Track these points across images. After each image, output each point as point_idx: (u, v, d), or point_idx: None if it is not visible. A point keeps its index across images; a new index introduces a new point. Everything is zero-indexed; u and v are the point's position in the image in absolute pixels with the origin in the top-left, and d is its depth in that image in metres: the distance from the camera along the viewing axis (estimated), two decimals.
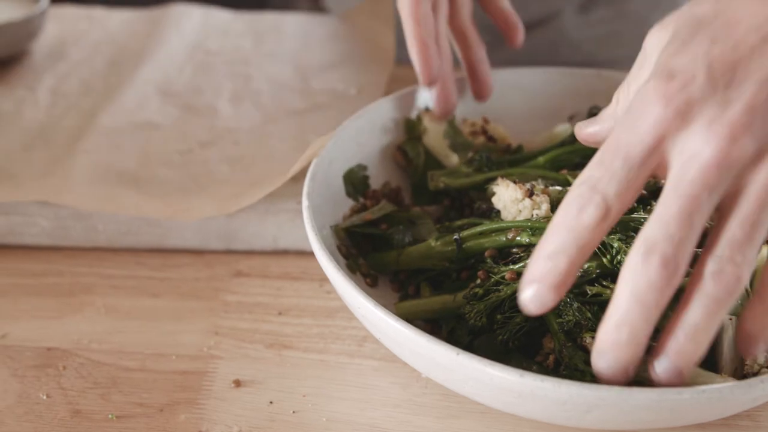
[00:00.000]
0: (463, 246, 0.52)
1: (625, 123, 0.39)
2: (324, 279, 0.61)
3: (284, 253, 0.64)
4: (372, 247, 0.58)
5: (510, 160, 0.60)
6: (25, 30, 0.79)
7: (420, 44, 0.58)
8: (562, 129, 0.63)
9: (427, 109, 0.64)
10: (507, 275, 0.49)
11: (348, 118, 0.61)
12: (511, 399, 0.44)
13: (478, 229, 0.52)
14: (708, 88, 0.37)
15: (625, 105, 0.44)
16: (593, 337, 0.43)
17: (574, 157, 0.59)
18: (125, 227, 0.63)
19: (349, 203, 0.60)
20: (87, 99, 0.74)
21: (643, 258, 0.37)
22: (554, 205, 0.52)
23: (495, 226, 0.52)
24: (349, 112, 0.70)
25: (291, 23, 0.87)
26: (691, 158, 0.37)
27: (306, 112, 0.71)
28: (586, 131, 0.49)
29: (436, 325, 0.53)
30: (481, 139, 0.63)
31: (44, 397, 0.52)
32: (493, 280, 0.49)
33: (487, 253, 0.51)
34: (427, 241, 0.54)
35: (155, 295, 0.60)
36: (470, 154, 0.61)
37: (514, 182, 0.53)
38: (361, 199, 0.60)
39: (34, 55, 0.82)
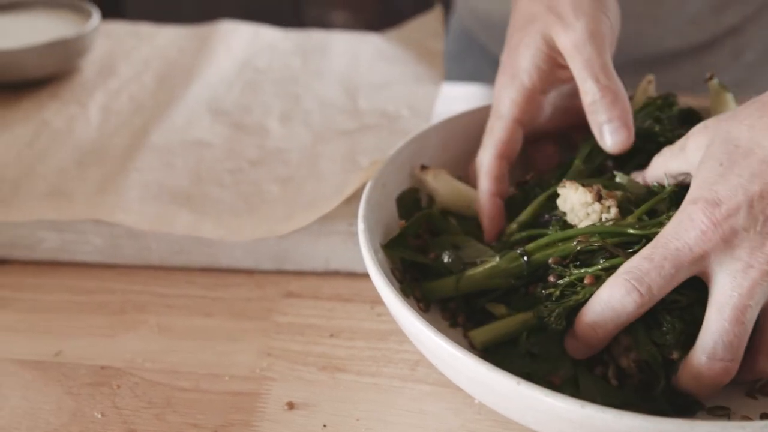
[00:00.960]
0: (531, 259, 0.52)
1: (674, 231, 0.46)
2: (375, 301, 0.61)
3: (335, 274, 0.64)
4: (421, 273, 0.57)
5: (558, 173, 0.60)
6: (77, 47, 0.80)
7: (493, 206, 0.58)
8: None
9: (423, 167, 0.60)
10: (586, 280, 0.49)
11: (401, 141, 0.61)
12: (572, 429, 0.44)
13: (544, 240, 0.52)
14: (750, 220, 0.45)
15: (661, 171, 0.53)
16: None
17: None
18: (178, 246, 0.63)
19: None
20: (138, 116, 0.74)
21: (707, 362, 0.46)
22: (620, 207, 0.52)
23: (561, 235, 0.51)
24: (399, 134, 0.70)
25: (339, 42, 0.87)
26: (738, 277, 0.45)
27: (355, 132, 0.71)
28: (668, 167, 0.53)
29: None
30: None
31: (99, 416, 0.52)
32: (567, 280, 0.49)
33: (551, 261, 0.51)
34: (487, 262, 0.54)
35: (208, 315, 0.60)
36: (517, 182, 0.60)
37: (582, 185, 0.52)
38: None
39: (84, 72, 0.83)
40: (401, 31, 0.88)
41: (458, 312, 0.55)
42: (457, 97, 0.83)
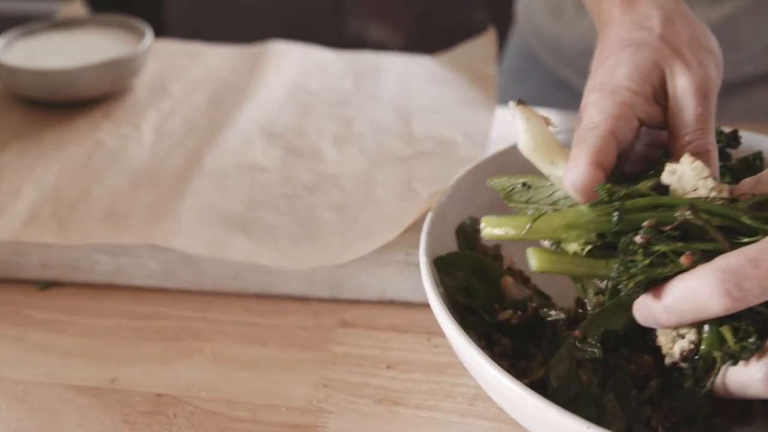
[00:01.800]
0: (624, 218, 0.45)
1: None
2: (432, 332, 0.60)
3: (390, 303, 0.63)
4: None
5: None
6: (131, 66, 0.80)
7: None
8: None
9: (521, 102, 0.53)
10: (683, 259, 0.44)
11: (461, 171, 0.60)
12: None
13: (644, 201, 0.46)
14: None
15: None
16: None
17: None
18: (233, 272, 0.63)
19: None
20: (191, 138, 0.74)
21: (766, 382, 0.42)
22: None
23: (664, 200, 0.46)
24: (455, 160, 0.69)
25: (390, 64, 0.86)
26: None
27: (411, 159, 0.71)
28: None
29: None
30: None
31: None
32: (662, 249, 0.44)
33: (646, 223, 0.45)
34: (576, 205, 0.48)
35: (263, 344, 0.60)
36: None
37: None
38: None
39: (136, 91, 0.83)
40: (452, 54, 0.87)
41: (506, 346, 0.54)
42: (513, 122, 0.82)
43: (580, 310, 0.56)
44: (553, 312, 0.55)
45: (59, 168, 0.70)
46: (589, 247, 0.47)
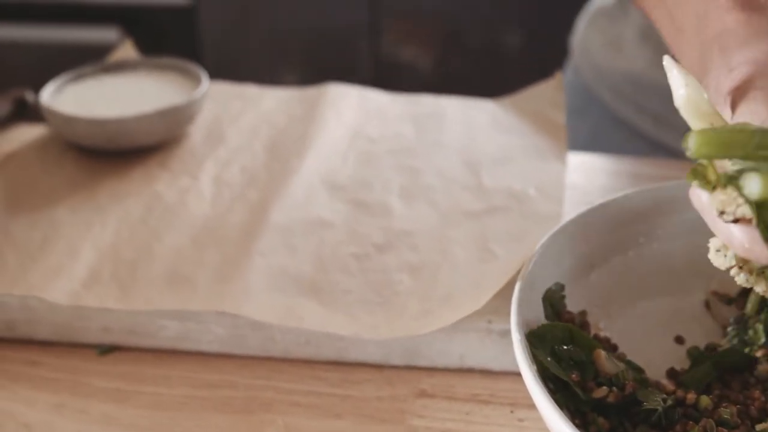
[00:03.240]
0: None
1: None
2: (515, 404, 0.57)
3: (469, 371, 0.60)
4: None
5: None
6: (188, 113, 0.77)
7: None
8: None
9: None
10: None
11: (545, 236, 0.57)
12: None
13: None
14: None
15: None
16: None
17: None
18: (304, 338, 0.60)
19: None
20: (252, 190, 0.71)
21: None
22: None
23: None
24: (530, 217, 0.66)
25: (450, 108, 0.84)
26: None
27: (484, 214, 0.67)
28: None
29: None
30: None
31: None
32: None
33: None
34: None
35: (338, 416, 0.57)
36: None
37: None
38: None
39: (192, 138, 0.80)
40: (516, 99, 0.84)
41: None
42: (575, 167, 0.80)
43: (679, 392, 0.53)
44: (651, 397, 0.51)
45: (117, 224, 0.68)
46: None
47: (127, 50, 0.89)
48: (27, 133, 0.88)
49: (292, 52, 2.06)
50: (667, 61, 0.49)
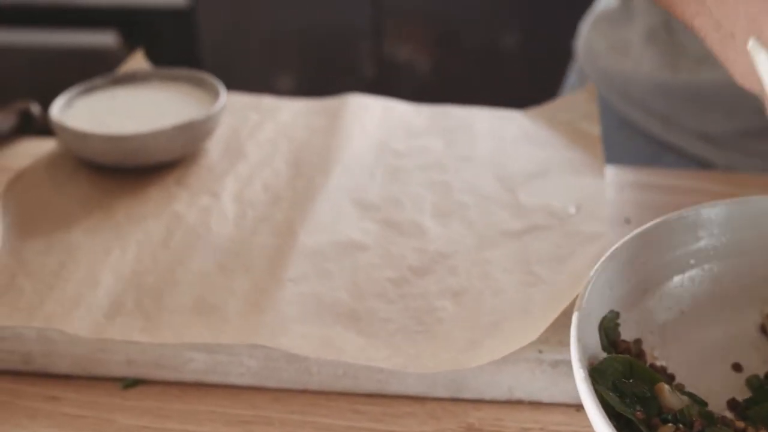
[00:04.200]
0: None
1: None
2: None
3: (518, 403, 0.57)
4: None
5: None
6: (206, 128, 0.74)
7: None
8: None
9: None
10: None
11: (602, 260, 0.54)
12: None
13: None
14: None
15: None
16: None
17: None
18: (342, 370, 0.56)
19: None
20: (277, 210, 0.68)
21: None
22: None
23: None
24: (573, 237, 0.63)
25: (477, 120, 0.80)
26: None
27: (524, 234, 0.64)
28: None
29: None
30: None
31: None
32: None
33: None
34: None
35: None
36: None
37: None
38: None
39: (209, 153, 0.76)
40: (546, 110, 0.81)
41: None
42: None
43: (749, 429, 0.50)
44: None
45: (137, 248, 0.64)
46: None
47: (138, 61, 0.85)
48: (33, 148, 0.84)
49: (291, 53, 2.03)
50: (752, 44, 0.48)
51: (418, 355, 0.54)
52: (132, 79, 0.80)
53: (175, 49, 1.83)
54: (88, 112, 0.76)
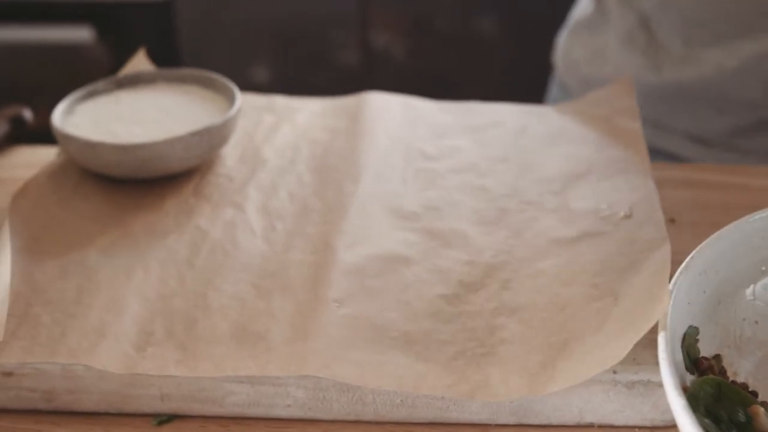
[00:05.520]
0: None
1: None
2: None
3: (588, 427, 0.53)
4: None
5: None
6: (223, 133, 0.69)
7: None
8: None
9: None
10: None
11: (678, 272, 0.50)
12: None
13: None
14: None
15: None
16: None
17: None
18: (399, 399, 0.52)
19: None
20: (307, 222, 0.63)
21: None
22: None
23: None
24: (634, 244, 0.59)
25: (507, 117, 0.76)
26: None
27: (576, 242, 0.60)
28: None
29: None
30: None
31: None
32: None
33: None
34: None
35: None
36: None
37: None
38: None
39: (224, 160, 0.71)
40: (578, 105, 0.77)
41: None
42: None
43: None
44: None
45: (160, 269, 0.59)
46: None
47: (141, 61, 0.79)
48: (27, 157, 0.78)
49: (268, 43, 1.97)
50: None
51: (486, 382, 0.50)
52: (136, 81, 0.75)
53: (151, 42, 1.76)
54: (92, 119, 0.70)
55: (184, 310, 0.55)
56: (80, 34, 1.67)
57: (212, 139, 0.67)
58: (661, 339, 0.46)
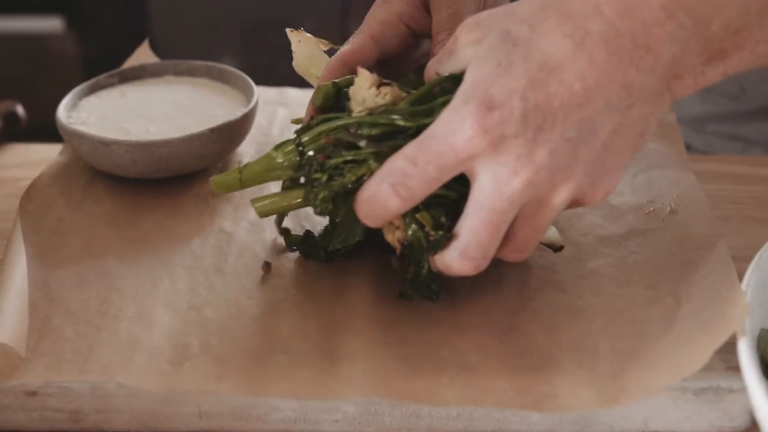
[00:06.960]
0: (305, 150, 0.50)
1: (441, 133, 0.45)
2: None
3: None
4: None
5: None
6: (241, 129, 0.65)
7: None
8: None
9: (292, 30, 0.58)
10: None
11: (748, 272, 0.48)
12: None
13: (317, 130, 0.49)
14: (521, 127, 0.44)
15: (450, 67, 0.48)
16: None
17: None
18: (455, 411, 0.49)
19: None
20: None
21: (459, 258, 0.47)
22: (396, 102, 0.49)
23: (333, 125, 0.49)
24: (685, 241, 0.57)
25: None
26: (500, 182, 0.45)
27: (624, 240, 0.57)
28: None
29: None
30: None
31: None
32: (334, 162, 0.48)
33: (323, 140, 0.49)
34: (268, 153, 0.52)
35: None
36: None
37: (370, 71, 0.49)
38: None
39: (241, 157, 0.68)
40: None
41: None
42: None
43: None
44: None
45: (188, 276, 0.55)
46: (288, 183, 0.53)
47: (145, 53, 0.75)
48: (22, 156, 0.74)
49: (241, 31, 1.92)
50: (287, 32, 0.58)
51: (552, 393, 0.47)
52: (141, 74, 0.70)
53: (121, 32, 1.70)
54: (98, 115, 0.66)
55: (217, 320, 0.52)
56: (50, 24, 1.60)
57: (232, 135, 0.64)
58: (743, 345, 0.44)
